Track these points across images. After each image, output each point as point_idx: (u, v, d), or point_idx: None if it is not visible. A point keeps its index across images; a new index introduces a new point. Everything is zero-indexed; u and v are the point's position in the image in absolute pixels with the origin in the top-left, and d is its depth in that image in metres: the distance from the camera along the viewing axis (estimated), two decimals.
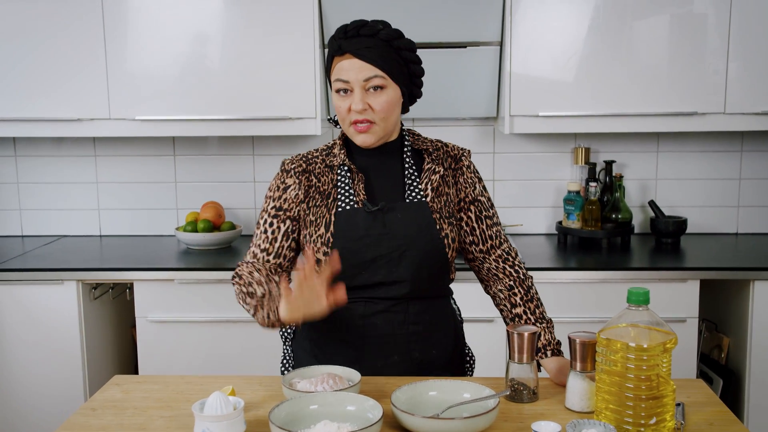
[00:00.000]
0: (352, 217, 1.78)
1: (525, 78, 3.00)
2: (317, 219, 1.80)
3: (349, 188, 1.81)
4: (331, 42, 1.77)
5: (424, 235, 1.79)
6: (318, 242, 1.78)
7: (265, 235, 1.83)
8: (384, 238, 1.77)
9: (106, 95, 3.04)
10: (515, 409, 1.63)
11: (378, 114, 1.75)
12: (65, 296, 2.86)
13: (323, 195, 1.82)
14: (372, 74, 1.73)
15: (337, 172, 1.83)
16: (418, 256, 1.79)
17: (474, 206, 1.89)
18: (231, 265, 2.90)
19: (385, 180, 1.84)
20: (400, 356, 1.82)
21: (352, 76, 1.73)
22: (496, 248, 1.91)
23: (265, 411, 1.61)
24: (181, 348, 2.90)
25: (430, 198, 1.83)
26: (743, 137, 3.34)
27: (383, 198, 1.82)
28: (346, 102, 1.76)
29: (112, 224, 3.50)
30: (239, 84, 3.03)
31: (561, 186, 3.39)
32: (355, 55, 1.72)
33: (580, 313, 2.81)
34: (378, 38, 1.73)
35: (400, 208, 1.80)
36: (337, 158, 1.83)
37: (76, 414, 1.63)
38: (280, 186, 1.84)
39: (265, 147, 3.42)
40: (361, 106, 1.73)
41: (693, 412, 1.60)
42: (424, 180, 1.85)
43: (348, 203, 1.80)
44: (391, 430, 1.51)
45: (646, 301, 1.49)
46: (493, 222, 1.91)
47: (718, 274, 2.79)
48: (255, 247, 1.84)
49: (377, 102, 1.74)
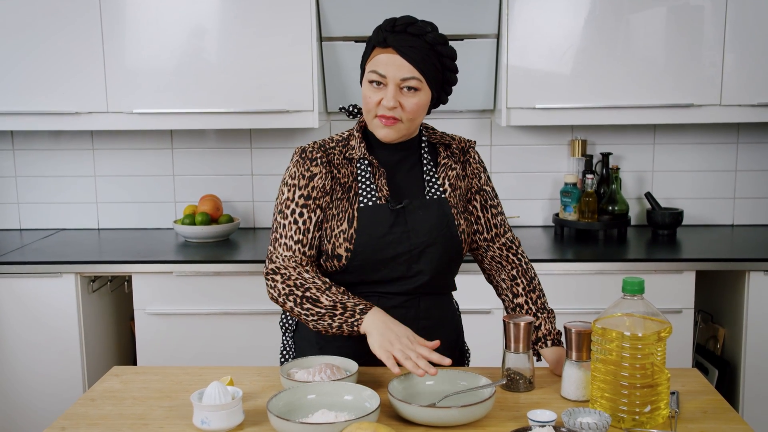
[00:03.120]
0: (376, 214, 1.77)
1: (522, 70, 3.01)
2: (339, 213, 1.78)
3: (370, 183, 1.79)
4: (377, 32, 1.74)
5: (443, 231, 1.81)
6: (340, 237, 1.76)
7: (296, 226, 1.77)
8: (406, 236, 1.78)
9: (104, 88, 3.04)
10: (511, 398, 1.64)
11: (407, 114, 1.74)
12: (64, 289, 2.87)
13: (344, 188, 1.79)
14: (410, 75, 1.70)
15: (356, 166, 1.81)
16: (437, 252, 1.81)
17: (480, 196, 1.91)
18: (229, 258, 2.91)
19: (405, 175, 1.84)
20: None
21: (390, 72, 1.70)
22: (500, 236, 1.93)
23: (263, 401, 1.63)
24: (180, 340, 2.91)
25: (448, 193, 1.85)
26: (739, 129, 3.35)
27: (404, 194, 1.81)
28: (377, 95, 1.73)
29: (111, 217, 3.51)
30: (237, 77, 3.03)
31: (558, 178, 3.40)
32: (398, 51, 1.69)
33: (577, 304, 2.82)
34: (423, 40, 1.71)
35: (421, 204, 1.81)
36: (357, 151, 1.81)
37: (76, 404, 1.64)
38: (305, 174, 1.78)
39: (263, 140, 3.43)
40: (392, 104, 1.71)
41: (687, 400, 1.62)
42: (441, 175, 1.86)
43: (371, 199, 1.78)
44: (389, 420, 1.52)
45: (641, 291, 1.50)
46: (498, 211, 1.93)
47: (714, 266, 2.81)
48: (287, 239, 1.77)
49: (409, 102, 1.73)
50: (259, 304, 2.89)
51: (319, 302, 1.68)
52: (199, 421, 1.50)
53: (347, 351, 1.81)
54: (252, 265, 2.86)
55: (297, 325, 1.96)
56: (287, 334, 2.00)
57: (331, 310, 1.66)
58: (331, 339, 1.85)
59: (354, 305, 1.65)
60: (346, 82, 3.16)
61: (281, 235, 1.78)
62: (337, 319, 1.66)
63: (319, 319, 1.68)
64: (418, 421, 1.50)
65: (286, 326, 2.00)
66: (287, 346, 1.99)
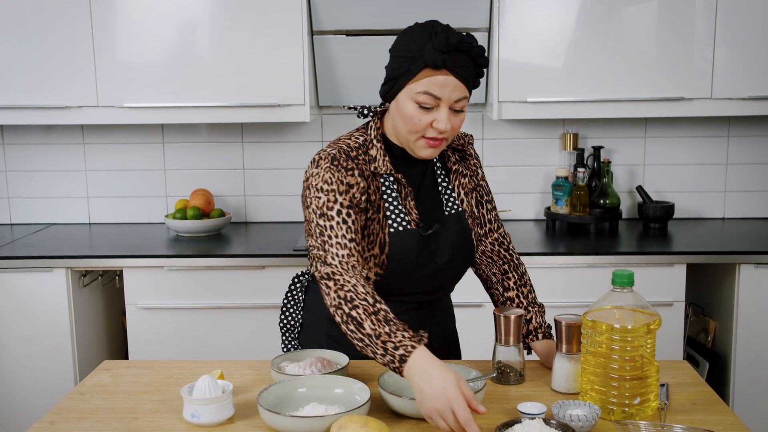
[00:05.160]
0: (406, 241, 1.73)
1: (513, 64, 3.00)
2: (370, 236, 1.71)
3: (398, 204, 1.74)
4: (431, 53, 1.59)
5: (465, 245, 1.82)
6: (371, 262, 1.72)
7: (346, 225, 1.65)
8: (431, 257, 1.76)
9: (94, 82, 3.03)
10: (502, 390, 1.65)
11: (453, 132, 1.68)
12: (54, 284, 2.86)
13: (373, 206, 1.72)
14: (463, 95, 1.64)
15: (380, 180, 1.74)
16: (458, 267, 1.82)
17: (476, 191, 1.90)
18: (220, 252, 2.91)
19: (425, 191, 1.80)
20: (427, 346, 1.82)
21: (446, 93, 1.62)
22: (493, 232, 1.93)
23: (253, 394, 1.63)
24: (171, 335, 2.91)
25: (465, 204, 1.84)
26: (730, 122, 3.35)
27: (427, 213, 1.77)
28: (429, 116, 1.64)
29: (102, 212, 3.50)
30: (228, 71, 3.02)
31: (549, 172, 3.40)
32: (453, 73, 1.61)
33: (568, 297, 2.82)
34: (470, 55, 1.63)
35: (443, 223, 1.79)
36: (381, 165, 1.72)
37: (66, 398, 1.64)
38: (343, 181, 1.67)
39: (255, 134, 3.42)
40: (449, 126, 1.64)
41: (677, 392, 1.62)
42: (455, 184, 1.84)
43: (400, 223, 1.73)
44: (379, 413, 1.53)
45: (630, 283, 1.51)
46: (492, 207, 1.93)
47: (705, 258, 2.82)
48: (339, 239, 1.63)
49: (457, 121, 1.67)
50: (250, 299, 2.88)
51: (363, 328, 1.53)
52: (189, 415, 1.50)
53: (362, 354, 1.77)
54: (244, 260, 2.86)
55: (302, 327, 1.94)
56: (289, 335, 1.96)
57: (373, 344, 1.51)
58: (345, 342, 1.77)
59: (394, 348, 1.48)
60: (337, 76, 3.15)
61: (330, 236, 1.64)
62: (378, 358, 1.51)
63: (363, 347, 1.54)
64: (408, 413, 1.50)
65: (288, 326, 1.95)
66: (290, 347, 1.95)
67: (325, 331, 1.85)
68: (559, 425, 1.40)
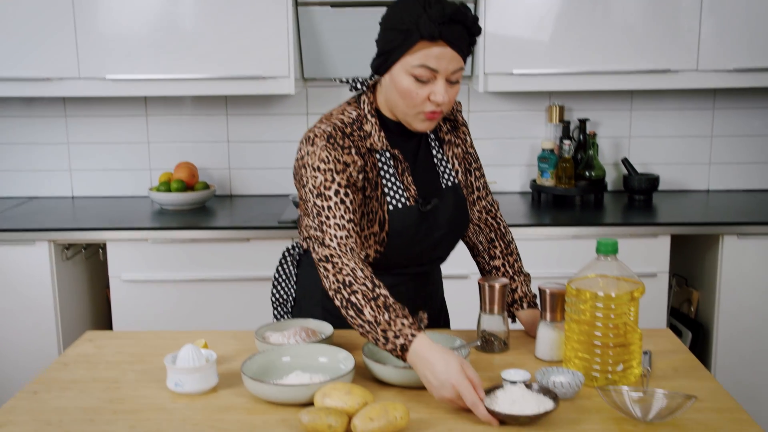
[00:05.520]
0: (405, 216, 1.72)
1: (500, 36, 2.98)
2: (369, 214, 1.70)
3: (396, 180, 1.72)
4: (426, 24, 1.56)
5: (461, 217, 1.82)
6: (371, 239, 1.71)
7: (344, 205, 1.62)
8: (430, 231, 1.76)
9: (75, 54, 2.99)
10: (486, 359, 1.65)
11: (449, 104, 1.66)
12: (37, 257, 2.84)
13: (371, 184, 1.70)
14: (459, 66, 1.61)
15: (376, 156, 1.71)
16: (454, 238, 1.83)
17: (464, 160, 1.89)
18: (205, 225, 2.89)
19: (421, 165, 1.78)
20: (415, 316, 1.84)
21: (443, 66, 1.59)
22: (481, 199, 1.92)
23: (237, 364, 1.62)
24: (156, 307, 2.90)
25: (459, 175, 1.84)
26: (715, 95, 3.35)
27: (424, 188, 1.76)
28: (425, 90, 1.61)
29: (85, 185, 3.47)
30: (211, 43, 2.99)
31: (535, 144, 3.40)
32: (449, 44, 1.58)
33: (554, 269, 2.83)
34: (464, 25, 1.60)
35: (440, 196, 1.78)
36: (376, 141, 1.69)
37: (49, 369, 1.63)
38: (340, 160, 1.64)
39: (239, 107, 3.39)
40: (447, 98, 1.62)
41: (659, 359, 1.63)
42: (449, 155, 1.83)
43: (399, 200, 1.72)
44: (364, 381, 1.53)
45: (614, 251, 1.51)
46: (480, 174, 1.92)
47: (689, 230, 2.83)
48: (337, 219, 1.61)
49: (453, 92, 1.65)
50: (235, 271, 2.88)
51: (362, 314, 1.51)
52: (172, 384, 1.49)
53: None
54: (228, 232, 2.84)
55: (295, 301, 1.92)
56: (281, 308, 1.95)
57: (374, 331, 1.50)
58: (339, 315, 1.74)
59: (395, 337, 1.47)
60: (322, 48, 3.12)
61: (328, 216, 1.62)
62: (380, 344, 1.50)
63: (364, 333, 1.52)
64: (392, 382, 1.50)
65: (280, 300, 1.94)
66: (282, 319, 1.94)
67: (320, 304, 1.84)
68: (541, 389, 1.40)
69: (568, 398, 1.44)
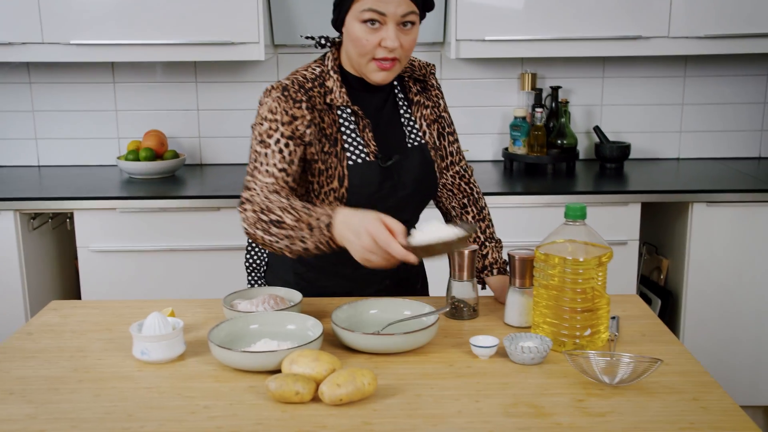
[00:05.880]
0: (366, 173, 1.71)
1: (471, 2, 2.96)
2: (328, 170, 1.69)
3: (356, 136, 1.71)
4: None
5: (428, 178, 1.80)
6: (331, 196, 1.70)
7: (281, 155, 1.63)
8: (393, 190, 1.74)
9: (38, 17, 2.91)
10: (455, 325, 1.65)
11: (405, 52, 1.65)
12: (2, 227, 2.79)
13: (329, 140, 1.69)
14: (409, 10, 1.61)
15: (337, 113, 1.71)
16: (421, 199, 1.81)
17: (437, 123, 1.87)
18: (174, 194, 2.86)
19: (385, 123, 1.77)
20: (392, 279, 1.84)
21: (390, 9, 1.59)
22: (455, 164, 1.92)
23: (205, 332, 1.61)
24: (125, 278, 2.87)
25: (427, 136, 1.81)
26: (687, 62, 3.36)
27: (387, 145, 1.75)
28: (376, 36, 1.61)
29: (51, 154, 3.40)
30: (180, 8, 2.93)
31: (507, 112, 3.39)
32: None
33: (526, 237, 2.83)
34: None
35: (404, 155, 1.76)
36: (338, 97, 1.69)
37: (12, 338, 1.60)
38: (288, 112, 1.64)
39: (209, 74, 3.34)
40: (397, 43, 1.61)
41: (627, 325, 1.64)
42: (417, 116, 1.81)
43: (359, 155, 1.71)
44: (332, 348, 1.52)
45: (582, 216, 1.51)
46: (454, 138, 1.91)
47: (659, 197, 2.84)
48: (269, 167, 1.63)
49: (407, 39, 1.64)
50: (205, 240, 2.85)
51: (284, 224, 1.53)
52: (138, 352, 1.47)
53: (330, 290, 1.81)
54: (198, 201, 2.81)
55: (267, 265, 1.91)
56: (255, 274, 1.94)
57: (298, 231, 1.52)
58: (313, 279, 1.81)
59: (318, 221, 1.50)
60: (292, 14, 3.07)
61: (262, 163, 1.64)
62: (309, 241, 1.52)
63: (290, 243, 1.54)
64: (361, 348, 1.50)
65: (254, 265, 1.93)
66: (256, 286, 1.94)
67: (291, 269, 1.84)
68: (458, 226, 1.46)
69: (537, 363, 1.44)
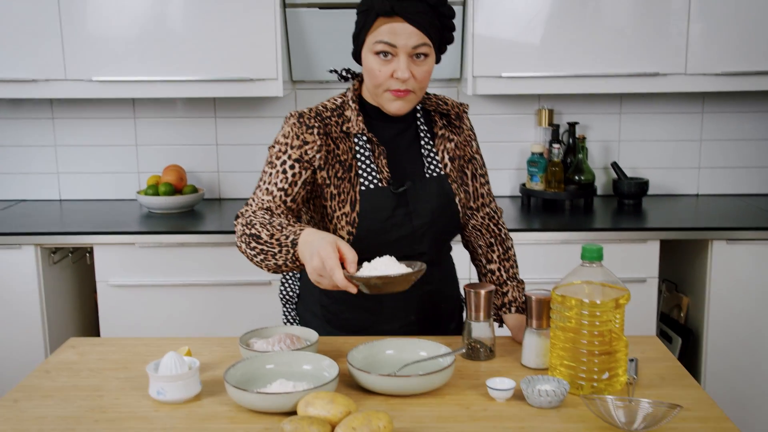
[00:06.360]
0: (378, 198, 1.73)
1: (488, 38, 2.98)
2: (341, 194, 1.73)
3: (370, 162, 1.74)
4: (380, 1, 1.64)
5: (445, 210, 1.79)
6: (342, 220, 1.73)
7: (284, 175, 1.69)
8: (408, 218, 1.75)
9: (62, 55, 2.97)
10: (472, 366, 1.64)
11: (419, 83, 1.69)
12: (23, 261, 2.82)
13: (344, 166, 1.73)
14: (421, 42, 1.64)
15: (354, 141, 1.75)
16: (439, 231, 1.80)
17: (471, 164, 1.88)
18: (193, 229, 2.88)
19: (404, 152, 1.79)
20: (417, 315, 1.83)
21: (401, 41, 1.63)
22: (485, 206, 1.92)
23: (221, 371, 1.61)
24: (144, 312, 2.88)
25: (448, 168, 1.81)
26: (704, 99, 3.35)
27: (404, 173, 1.77)
28: (388, 67, 1.66)
29: (72, 188, 3.44)
30: (200, 44, 2.97)
31: (524, 148, 3.39)
32: (407, 20, 1.62)
33: (543, 273, 2.82)
34: (427, 3, 1.64)
35: (422, 184, 1.77)
36: (354, 125, 1.75)
37: (30, 376, 1.61)
38: (300, 136, 1.71)
39: (228, 109, 3.38)
40: (407, 74, 1.65)
41: (646, 367, 1.62)
42: (440, 148, 1.82)
43: (372, 181, 1.73)
44: (348, 389, 1.51)
45: (599, 258, 1.50)
46: (485, 180, 1.92)
47: (678, 235, 2.82)
48: (270, 185, 1.69)
49: (420, 71, 1.67)
50: (223, 276, 2.86)
51: (261, 239, 1.59)
52: (155, 392, 1.48)
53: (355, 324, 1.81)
54: (217, 236, 2.83)
55: (299, 297, 1.93)
56: (288, 306, 1.97)
57: (270, 246, 1.58)
58: (337, 312, 1.83)
59: (286, 239, 1.56)
60: (311, 50, 3.11)
61: (265, 181, 1.71)
62: (279, 257, 1.58)
63: (265, 258, 1.60)
64: (377, 390, 1.49)
65: (287, 297, 1.96)
66: (288, 316, 1.96)
67: (318, 302, 1.86)
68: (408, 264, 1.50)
69: (554, 406, 1.43)
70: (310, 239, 1.52)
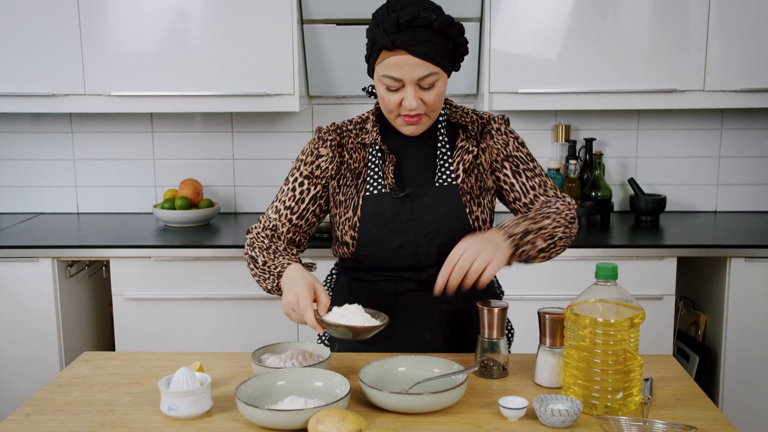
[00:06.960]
0: (379, 203, 1.73)
1: (505, 54, 2.98)
2: (346, 200, 1.76)
3: (378, 170, 1.75)
4: (381, 35, 1.62)
5: (453, 221, 1.74)
6: (346, 225, 1.75)
7: (292, 193, 1.79)
8: (410, 225, 1.73)
9: (81, 70, 3.00)
10: (484, 384, 1.63)
11: (430, 108, 1.68)
12: (40, 274, 2.84)
13: (354, 174, 1.78)
14: (426, 72, 1.62)
15: (368, 151, 1.77)
16: (446, 242, 1.71)
17: (508, 163, 1.79)
18: (209, 243, 2.89)
19: (417, 161, 1.78)
20: (432, 335, 1.80)
21: (405, 74, 1.62)
22: (540, 196, 1.79)
23: (233, 387, 1.61)
24: (159, 326, 2.89)
25: (462, 179, 1.76)
26: (723, 115, 3.33)
27: (412, 181, 1.76)
28: (396, 97, 1.66)
29: (90, 201, 3.47)
30: (218, 60, 2.99)
31: (541, 163, 3.36)
32: (409, 52, 1.60)
33: (560, 290, 2.81)
34: (431, 29, 1.61)
35: (429, 193, 1.74)
36: (370, 136, 1.77)
37: (43, 390, 1.62)
38: (314, 151, 1.80)
39: (245, 124, 3.39)
40: (415, 104, 1.64)
41: (661, 386, 1.60)
42: (456, 159, 1.77)
43: (376, 187, 1.74)
44: (359, 406, 1.51)
45: (613, 277, 1.49)
46: (534, 174, 1.80)
47: (695, 252, 2.80)
48: (278, 202, 1.80)
49: (430, 97, 1.66)
50: (238, 290, 2.86)
51: (257, 262, 1.73)
52: (166, 408, 1.48)
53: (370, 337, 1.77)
54: (232, 250, 2.83)
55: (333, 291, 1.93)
56: None
57: (262, 271, 1.72)
58: None
59: (275, 268, 1.69)
60: (327, 66, 3.12)
61: (276, 198, 1.82)
62: (268, 283, 1.70)
63: (258, 280, 1.73)
64: (388, 407, 1.48)
65: None
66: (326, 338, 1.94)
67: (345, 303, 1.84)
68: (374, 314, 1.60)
69: (567, 426, 1.42)
70: (292, 275, 1.63)
